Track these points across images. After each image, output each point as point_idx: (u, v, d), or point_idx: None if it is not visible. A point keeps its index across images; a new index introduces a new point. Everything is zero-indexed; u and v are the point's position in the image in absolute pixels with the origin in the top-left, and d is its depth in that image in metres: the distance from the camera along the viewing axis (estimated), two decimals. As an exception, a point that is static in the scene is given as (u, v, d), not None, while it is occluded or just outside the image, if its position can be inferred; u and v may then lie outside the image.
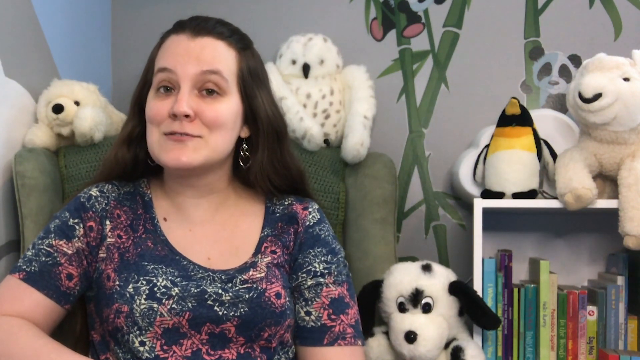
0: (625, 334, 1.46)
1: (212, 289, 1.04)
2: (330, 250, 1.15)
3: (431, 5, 1.74)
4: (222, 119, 1.08)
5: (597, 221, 1.63)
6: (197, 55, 1.07)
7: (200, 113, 1.06)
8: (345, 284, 1.14)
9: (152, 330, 1.00)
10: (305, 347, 1.10)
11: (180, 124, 1.05)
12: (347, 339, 1.09)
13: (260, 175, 1.15)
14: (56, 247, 1.07)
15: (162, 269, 1.05)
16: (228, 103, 1.09)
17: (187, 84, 1.06)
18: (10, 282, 1.06)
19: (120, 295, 1.03)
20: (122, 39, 1.83)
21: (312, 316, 1.10)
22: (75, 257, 1.07)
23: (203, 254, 1.10)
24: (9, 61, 1.36)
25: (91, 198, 1.12)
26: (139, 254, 1.07)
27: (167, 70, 1.07)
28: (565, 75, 1.68)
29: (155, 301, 1.01)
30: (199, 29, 1.09)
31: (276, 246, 1.13)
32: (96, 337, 1.09)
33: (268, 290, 1.06)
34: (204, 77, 1.07)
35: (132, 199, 1.15)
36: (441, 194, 1.72)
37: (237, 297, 1.04)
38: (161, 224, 1.13)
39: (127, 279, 1.04)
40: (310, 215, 1.17)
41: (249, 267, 1.09)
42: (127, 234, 1.11)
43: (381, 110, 1.63)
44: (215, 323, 1.02)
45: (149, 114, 1.09)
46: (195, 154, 1.06)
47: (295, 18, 1.77)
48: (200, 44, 1.08)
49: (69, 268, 1.07)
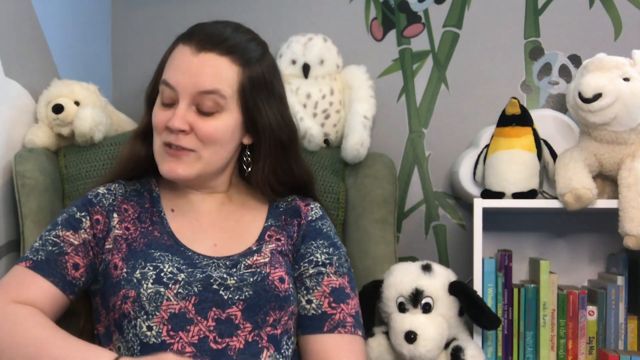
0: (625, 334, 1.46)
1: (217, 274, 1.06)
2: (332, 243, 1.18)
3: (431, 5, 1.74)
4: (218, 135, 1.10)
5: (597, 221, 1.63)
6: (196, 73, 1.08)
7: (196, 128, 1.09)
8: (347, 277, 1.16)
9: (159, 314, 1.02)
10: (306, 336, 1.12)
11: (175, 137, 1.09)
12: (347, 327, 1.10)
13: (261, 181, 1.17)
14: (63, 238, 1.09)
15: (169, 257, 1.08)
16: (225, 119, 1.10)
17: (185, 101, 1.09)
18: (16, 271, 1.08)
19: (127, 282, 1.05)
20: (122, 39, 1.83)
21: (313, 304, 1.12)
22: (82, 247, 1.09)
23: (210, 241, 1.13)
24: (9, 61, 1.36)
25: (98, 195, 1.15)
26: (146, 243, 1.10)
27: (169, 86, 1.10)
28: (565, 75, 1.68)
29: (162, 285, 1.03)
30: (204, 44, 1.09)
31: (280, 235, 1.16)
32: (101, 330, 1.10)
33: (272, 274, 1.08)
34: (201, 97, 1.08)
35: (139, 195, 1.19)
36: (441, 194, 1.72)
37: (242, 281, 1.06)
38: (168, 216, 1.15)
39: (134, 266, 1.06)
40: (312, 211, 1.20)
41: (254, 252, 1.12)
42: (134, 225, 1.13)
43: (381, 110, 1.63)
44: (221, 308, 1.04)
45: (154, 122, 1.13)
46: (189, 168, 1.10)
47: (295, 18, 1.77)
48: (201, 61, 1.08)
49: (75, 258, 1.09)
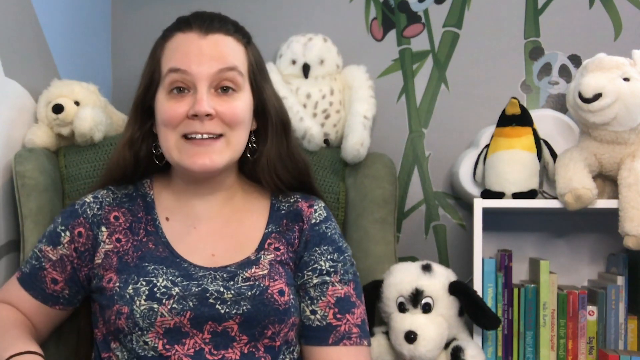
0: (625, 334, 1.46)
1: (213, 287, 1.03)
2: (337, 248, 1.14)
3: (431, 5, 1.74)
4: (241, 115, 1.08)
5: (597, 221, 1.63)
6: (211, 53, 1.06)
7: (220, 111, 1.05)
8: (352, 283, 1.12)
9: (154, 330, 1.00)
10: (310, 347, 1.10)
11: (201, 124, 1.04)
12: (352, 339, 1.08)
13: (267, 168, 1.14)
14: (44, 253, 1.12)
15: (163, 270, 1.05)
16: (243, 99, 1.09)
17: (204, 84, 1.05)
18: (12, 278, 1.15)
19: (120, 297, 1.03)
20: (122, 39, 1.83)
21: (317, 315, 1.09)
22: (59, 263, 1.11)
23: (207, 251, 1.10)
24: (9, 61, 1.36)
25: (84, 204, 1.13)
26: (139, 257, 1.07)
27: (181, 71, 1.05)
28: (565, 75, 1.68)
29: (155, 301, 1.01)
30: (209, 26, 1.08)
31: (280, 243, 1.12)
32: (99, 336, 1.10)
33: (271, 287, 1.05)
34: (220, 75, 1.06)
35: (131, 200, 1.15)
36: (441, 194, 1.72)
37: (239, 295, 1.03)
38: (163, 225, 1.12)
39: (126, 280, 1.04)
40: (316, 213, 1.15)
41: (252, 264, 1.08)
42: (126, 236, 1.10)
43: (381, 110, 1.63)
44: (217, 321, 1.02)
45: (164, 117, 1.07)
46: (221, 155, 1.06)
47: (295, 18, 1.77)
48: (212, 41, 1.07)
49: (53, 273, 1.11)
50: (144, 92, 1.12)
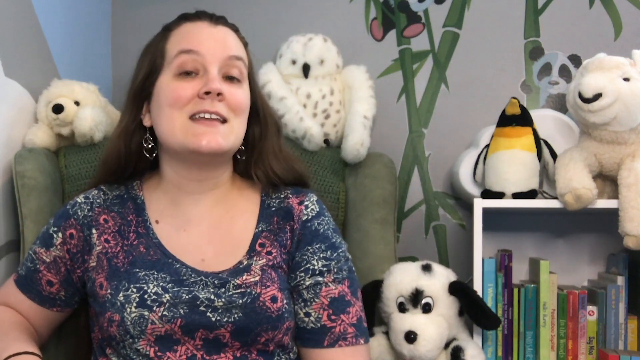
0: (625, 334, 1.46)
1: (204, 295, 1.02)
2: (330, 245, 1.11)
3: (431, 5, 1.74)
4: (244, 104, 1.10)
5: (597, 221, 1.63)
6: (222, 40, 1.09)
7: (227, 96, 1.06)
8: (347, 281, 1.10)
9: (145, 337, 1.00)
10: (306, 349, 1.09)
11: (211, 102, 1.04)
12: (348, 339, 1.06)
13: (261, 161, 1.15)
14: (38, 255, 1.12)
15: (154, 275, 1.04)
16: (245, 90, 1.12)
17: (215, 66, 1.06)
18: (9, 280, 1.16)
19: (111, 304, 1.02)
20: (122, 39, 1.83)
21: (311, 317, 1.07)
22: (53, 265, 1.11)
23: (197, 255, 1.08)
24: (9, 61, 1.36)
25: (75, 205, 1.13)
26: (130, 262, 1.06)
27: (193, 52, 1.06)
28: (565, 75, 1.69)
29: (146, 309, 1.00)
30: (217, 19, 1.12)
31: (272, 246, 1.09)
32: (96, 340, 1.10)
33: (263, 294, 1.03)
34: (230, 61, 1.08)
35: (121, 203, 1.14)
36: (441, 194, 1.72)
37: (231, 303, 1.02)
38: (154, 227, 1.11)
39: (117, 287, 1.03)
40: (307, 209, 1.12)
41: (243, 271, 1.06)
42: (115, 239, 1.10)
43: (381, 110, 1.63)
44: (208, 329, 1.01)
45: (171, 96, 1.05)
46: (224, 140, 1.05)
47: (295, 18, 1.77)
48: (222, 31, 1.11)
49: (48, 275, 1.11)
50: (144, 80, 1.10)
